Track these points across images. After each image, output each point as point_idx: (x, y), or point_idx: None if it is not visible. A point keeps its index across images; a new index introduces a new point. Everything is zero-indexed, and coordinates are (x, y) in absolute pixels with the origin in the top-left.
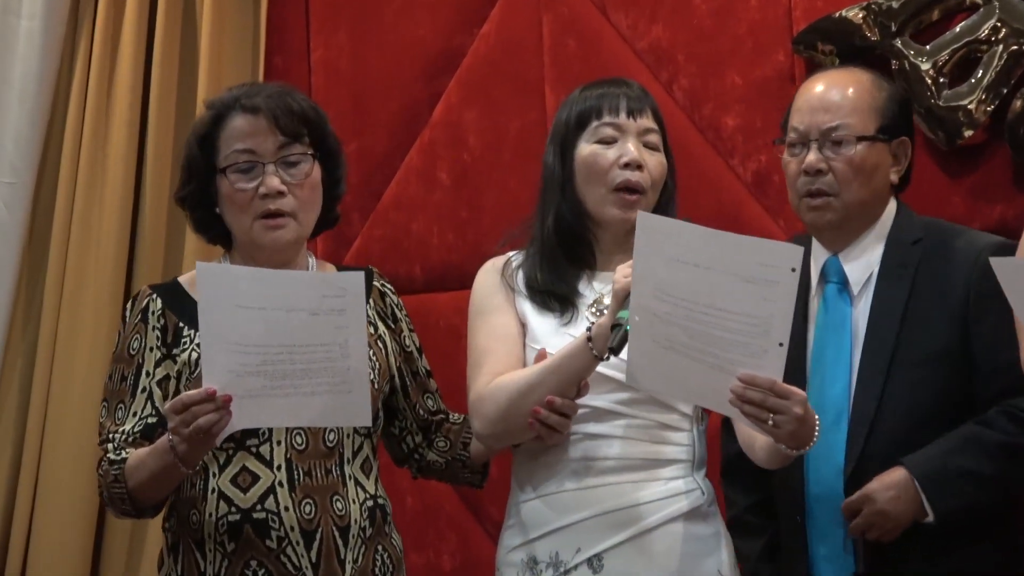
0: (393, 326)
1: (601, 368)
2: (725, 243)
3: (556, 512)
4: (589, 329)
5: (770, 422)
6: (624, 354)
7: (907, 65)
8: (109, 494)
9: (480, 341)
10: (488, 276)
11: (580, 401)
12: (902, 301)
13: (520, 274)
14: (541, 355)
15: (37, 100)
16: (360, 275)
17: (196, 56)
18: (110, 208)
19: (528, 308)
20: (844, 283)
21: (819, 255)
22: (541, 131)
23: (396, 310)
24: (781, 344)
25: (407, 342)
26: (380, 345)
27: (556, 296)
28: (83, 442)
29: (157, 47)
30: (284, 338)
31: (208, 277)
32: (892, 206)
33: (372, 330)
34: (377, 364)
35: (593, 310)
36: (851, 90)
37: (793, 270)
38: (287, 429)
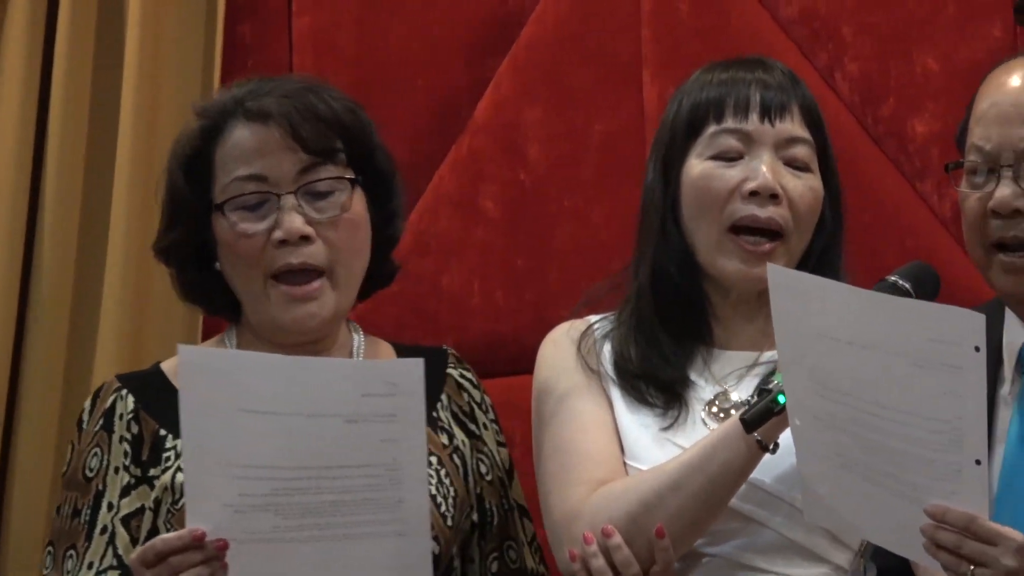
0: (478, 433)
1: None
2: (881, 309)
3: None
4: (748, 402)
5: None
6: (769, 474)
7: None
8: None
9: (560, 437)
10: (559, 349)
11: (697, 545)
12: None
13: (606, 349)
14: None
15: None
16: (419, 363)
17: (120, 31)
18: None
19: (618, 400)
20: None
21: (1015, 333)
22: (637, 137)
23: (478, 412)
24: (979, 462)
25: (497, 459)
26: (457, 462)
27: (656, 384)
28: None
29: (63, 20)
30: (307, 457)
31: (195, 367)
32: None
33: (446, 440)
34: (453, 490)
35: (714, 410)
36: None
37: (977, 349)
38: None
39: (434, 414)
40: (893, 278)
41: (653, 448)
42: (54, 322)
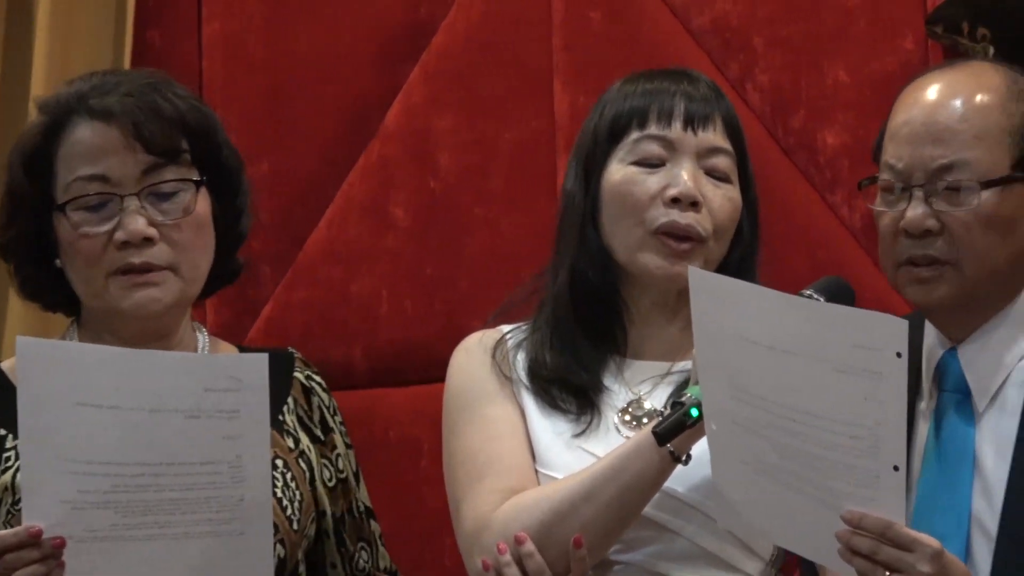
0: (323, 438)
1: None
2: (803, 314)
3: None
4: (662, 413)
5: None
6: (682, 483)
7: None
8: None
9: (471, 444)
10: (473, 357)
11: (610, 552)
12: None
13: (520, 357)
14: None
15: None
16: (263, 358)
17: (29, 34)
18: None
19: (531, 406)
20: (965, 392)
21: (933, 347)
22: (548, 146)
23: (327, 415)
24: (896, 468)
25: (341, 464)
26: (303, 466)
27: (569, 389)
28: None
29: None
30: (147, 453)
31: (33, 359)
32: None
33: (292, 444)
34: (299, 495)
35: (627, 418)
36: (975, 103)
37: (899, 355)
38: None
39: (280, 417)
40: (808, 292)
41: (565, 455)
42: None
